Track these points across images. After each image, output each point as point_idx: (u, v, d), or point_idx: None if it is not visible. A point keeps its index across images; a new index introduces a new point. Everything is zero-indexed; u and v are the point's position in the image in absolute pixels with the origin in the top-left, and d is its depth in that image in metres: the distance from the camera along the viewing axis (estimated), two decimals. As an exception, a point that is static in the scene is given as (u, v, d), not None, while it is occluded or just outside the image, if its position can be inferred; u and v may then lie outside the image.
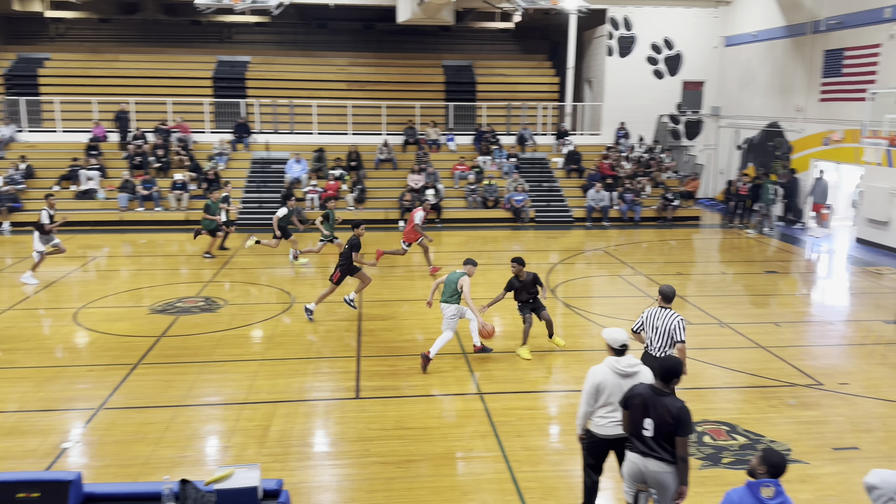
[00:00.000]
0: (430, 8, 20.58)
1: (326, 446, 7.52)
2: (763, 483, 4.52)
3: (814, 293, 14.57)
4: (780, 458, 4.59)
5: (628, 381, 5.64)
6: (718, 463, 7.12)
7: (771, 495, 4.46)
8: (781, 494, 4.48)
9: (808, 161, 20.81)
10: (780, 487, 4.50)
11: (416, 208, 15.76)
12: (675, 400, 5.26)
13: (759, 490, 4.49)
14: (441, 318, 9.80)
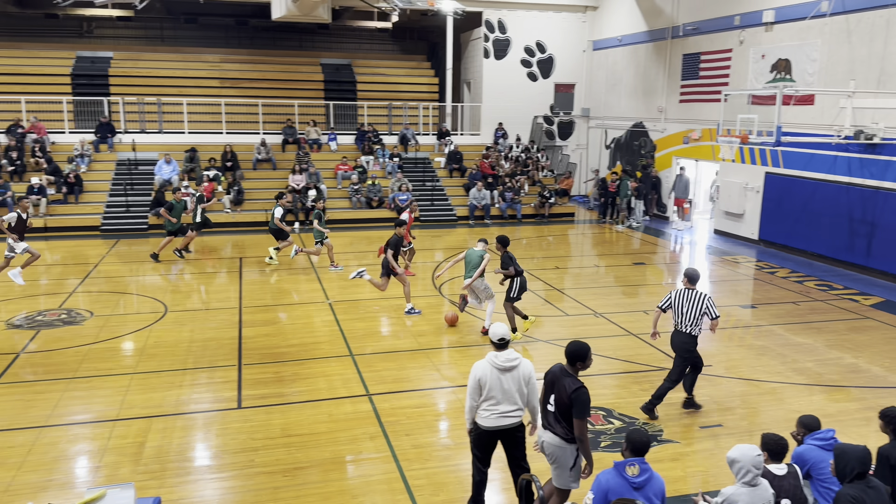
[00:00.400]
0: (305, 5, 20.21)
1: (208, 460, 7.22)
2: (628, 462, 4.80)
3: (678, 282, 15.54)
4: (640, 438, 4.88)
5: (507, 375, 5.79)
6: (597, 447, 7.45)
7: (636, 473, 4.74)
8: (647, 471, 4.77)
9: (671, 159, 22.21)
10: (646, 465, 4.79)
11: (404, 210, 15.52)
12: (574, 382, 5.53)
13: (624, 469, 4.78)
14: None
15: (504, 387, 5.79)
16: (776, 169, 17.87)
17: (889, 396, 8.80)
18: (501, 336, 5.86)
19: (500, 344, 5.85)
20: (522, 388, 5.86)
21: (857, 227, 15.51)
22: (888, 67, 14.60)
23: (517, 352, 5.93)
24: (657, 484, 4.83)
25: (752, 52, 18.42)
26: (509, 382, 5.80)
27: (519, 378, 5.84)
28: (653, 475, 4.81)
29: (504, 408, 5.80)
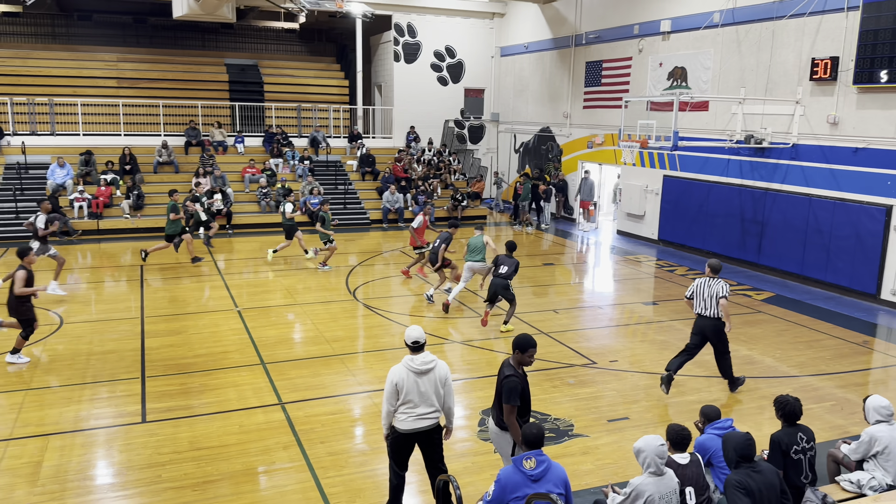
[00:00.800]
0: (208, 4, 19.60)
1: (111, 477, 6.87)
2: (524, 457, 4.96)
3: (585, 281, 16.07)
4: (533, 432, 5.07)
5: (424, 378, 5.81)
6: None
7: (533, 466, 4.90)
8: (544, 462, 4.93)
9: (577, 162, 22.92)
10: (543, 457, 4.95)
11: (418, 213, 15.56)
12: (508, 369, 5.81)
13: (521, 464, 4.92)
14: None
15: (421, 389, 5.80)
16: (674, 172, 18.77)
17: (781, 385, 9.40)
18: (416, 339, 5.86)
19: (414, 347, 5.86)
20: (439, 389, 5.89)
21: (749, 226, 16.49)
22: (775, 76, 15.61)
23: (433, 354, 5.96)
24: (556, 473, 4.97)
25: (650, 61, 19.28)
26: (426, 385, 5.82)
27: (435, 380, 5.86)
28: (551, 465, 4.96)
29: (421, 410, 5.82)
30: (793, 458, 5.65)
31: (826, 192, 14.66)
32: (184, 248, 16.33)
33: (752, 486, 4.95)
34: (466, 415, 8.36)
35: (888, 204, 13.40)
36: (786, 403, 5.83)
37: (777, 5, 15.36)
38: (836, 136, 14.34)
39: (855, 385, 9.60)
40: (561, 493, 4.93)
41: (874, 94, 13.53)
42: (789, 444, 5.67)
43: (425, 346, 5.92)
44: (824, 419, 8.34)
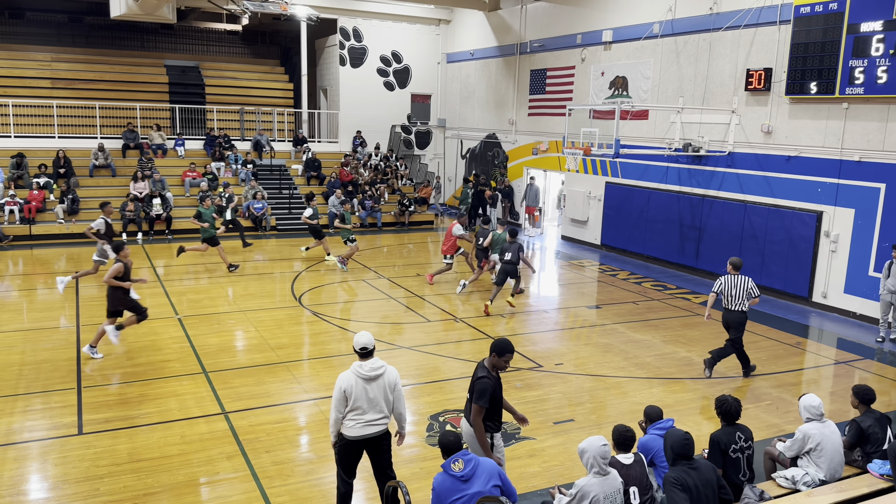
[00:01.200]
0: (148, 4, 19.11)
1: (45, 492, 6.61)
2: (452, 460, 5.06)
3: (531, 286, 16.25)
4: (448, 438, 5.22)
5: (373, 384, 5.76)
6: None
7: (461, 467, 5.03)
8: (471, 461, 5.06)
9: (522, 169, 23.20)
10: (469, 456, 5.09)
11: (453, 222, 15.65)
12: (482, 370, 5.88)
13: (450, 468, 5.01)
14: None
15: (370, 396, 5.75)
16: (615, 179, 19.20)
17: (720, 386, 9.70)
18: (363, 345, 5.81)
19: (363, 353, 5.81)
20: (388, 395, 5.84)
21: (687, 231, 16.99)
22: (711, 86, 16.14)
23: (381, 359, 5.93)
24: (486, 467, 5.09)
25: (592, 70, 19.69)
26: (375, 391, 5.76)
27: (384, 386, 5.81)
28: (478, 461, 5.09)
29: (369, 416, 5.77)
30: (731, 456, 5.84)
31: (760, 199, 15.22)
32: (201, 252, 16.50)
33: (690, 483, 5.10)
34: (415, 420, 8.35)
35: (819, 210, 14.00)
36: (724, 403, 6.02)
37: (714, 17, 15.90)
38: (770, 145, 14.92)
39: (789, 385, 9.98)
40: (497, 484, 5.03)
41: (805, 105, 14.13)
42: (728, 443, 5.85)
43: (374, 351, 5.88)
44: (760, 418, 8.64)
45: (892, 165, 12.67)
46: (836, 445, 6.14)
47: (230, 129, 24.78)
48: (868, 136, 13.03)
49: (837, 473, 6.12)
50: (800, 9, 13.69)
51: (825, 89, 13.36)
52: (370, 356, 5.82)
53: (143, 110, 23.59)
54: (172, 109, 24.32)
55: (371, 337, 5.89)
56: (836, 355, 11.40)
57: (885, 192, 12.81)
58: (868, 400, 6.46)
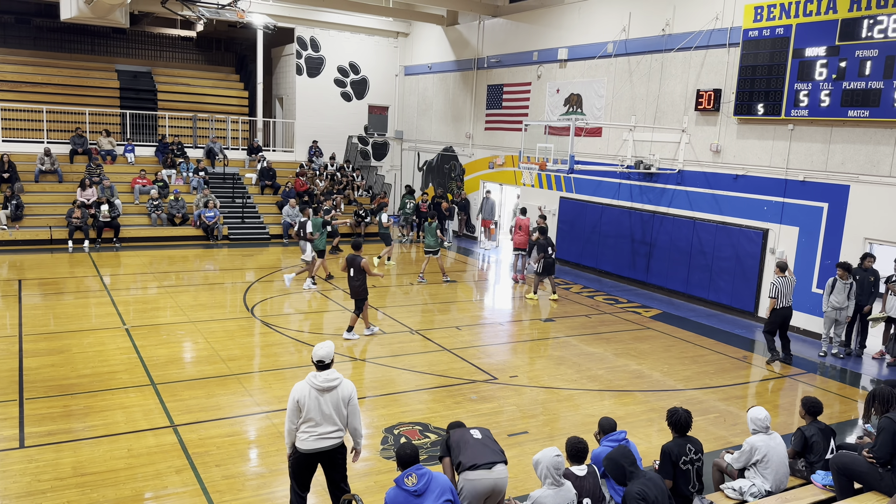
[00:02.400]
0: (99, 7, 18.67)
1: (-19, 510, 6.34)
2: (405, 475, 5.07)
3: (486, 298, 16.34)
4: (406, 451, 5.22)
5: (326, 396, 5.68)
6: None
7: (414, 482, 5.05)
8: (424, 476, 5.08)
9: (479, 182, 23.36)
10: (423, 471, 5.10)
11: (517, 216, 17.19)
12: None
13: (403, 482, 5.02)
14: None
15: (322, 408, 5.67)
16: (569, 194, 19.49)
17: (668, 398, 9.89)
18: (321, 357, 5.75)
19: (319, 365, 5.75)
20: (342, 409, 5.76)
21: (638, 247, 17.34)
22: (663, 105, 16.56)
23: (337, 370, 5.88)
24: (439, 483, 5.10)
25: (548, 87, 20.00)
26: (328, 403, 5.69)
27: (338, 399, 5.74)
28: (432, 477, 5.10)
29: (322, 429, 5.69)
30: (681, 468, 5.95)
31: (709, 216, 15.64)
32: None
33: (650, 496, 5.19)
34: (369, 433, 8.28)
35: (765, 228, 14.45)
36: (675, 414, 6.14)
37: (666, 39, 16.34)
38: (719, 164, 15.36)
39: (736, 398, 10.24)
40: (450, 499, 5.06)
41: (752, 125, 14.61)
42: (679, 455, 5.96)
43: (332, 364, 5.81)
44: (708, 430, 8.83)
45: (834, 185, 13.17)
46: (782, 457, 6.32)
47: (183, 137, 24.35)
48: (812, 156, 13.54)
49: (783, 484, 6.30)
50: (748, 32, 14.18)
51: (772, 111, 13.84)
52: (327, 368, 5.75)
53: (92, 115, 23.01)
54: (123, 115, 23.79)
55: (331, 350, 5.82)
56: (782, 369, 11.75)
57: (827, 211, 13.31)
58: (815, 412, 6.67)
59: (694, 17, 15.62)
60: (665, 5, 16.30)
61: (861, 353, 12.57)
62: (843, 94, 12.60)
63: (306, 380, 5.73)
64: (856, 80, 12.40)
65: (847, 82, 12.53)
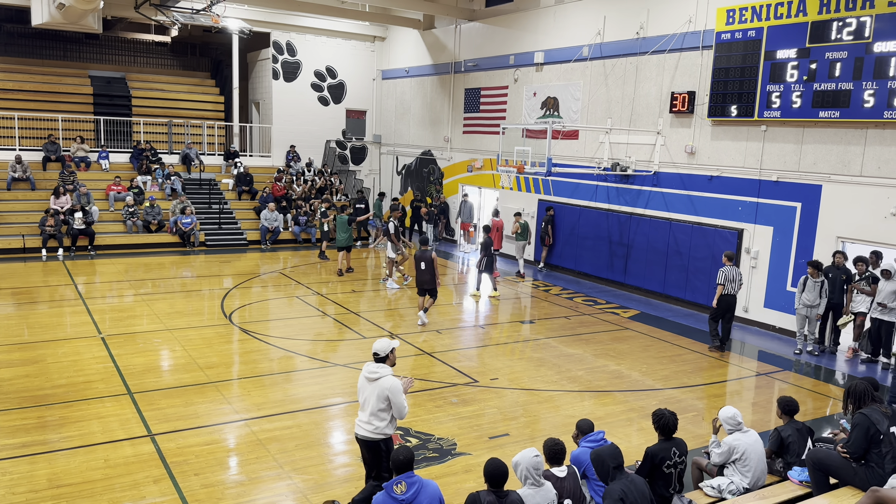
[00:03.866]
0: (72, 13, 18.46)
1: (-48, 525, 6.21)
2: (395, 482, 5.01)
3: (466, 301, 16.35)
4: (399, 457, 5.14)
5: (369, 385, 6.16)
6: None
7: (403, 490, 4.98)
8: (414, 484, 5.02)
9: (458, 185, 23.39)
10: (413, 479, 5.03)
11: (492, 217, 17.93)
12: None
13: (392, 490, 4.96)
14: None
15: (366, 396, 6.19)
16: (548, 196, 19.59)
17: (647, 398, 9.97)
18: (375, 350, 6.26)
19: (374, 356, 6.27)
20: (380, 401, 6.11)
21: (616, 248, 17.47)
22: (638, 108, 16.71)
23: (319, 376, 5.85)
24: (429, 492, 5.06)
25: (525, 90, 20.10)
26: (369, 393, 6.16)
27: (377, 392, 6.11)
28: (422, 485, 5.05)
29: (362, 416, 6.23)
30: (664, 471, 5.95)
31: (684, 217, 15.80)
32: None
33: (629, 497, 5.20)
34: (349, 439, 8.24)
35: (739, 228, 14.64)
36: (662, 417, 6.11)
37: (640, 42, 16.50)
38: (693, 165, 15.53)
39: (714, 396, 10.34)
40: None
41: (726, 127, 14.79)
42: (663, 459, 5.96)
43: (387, 358, 6.25)
44: (687, 429, 8.90)
45: (807, 185, 13.38)
46: (760, 454, 6.39)
47: (158, 142, 24.12)
48: (785, 157, 13.74)
49: (761, 481, 6.37)
50: (721, 35, 14.37)
51: (745, 112, 14.03)
52: (378, 361, 6.24)
53: (65, 122, 22.72)
54: (97, 121, 23.52)
55: (386, 345, 6.30)
56: (758, 367, 11.90)
57: (800, 211, 13.52)
58: (791, 411, 6.74)
59: (667, 21, 15.80)
60: (639, 9, 16.47)
61: (835, 351, 12.77)
62: (814, 95, 12.82)
63: (363, 369, 6.30)
64: (826, 82, 12.62)
65: (818, 84, 12.74)
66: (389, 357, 6.28)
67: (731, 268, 12.40)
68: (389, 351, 6.27)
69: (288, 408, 9.06)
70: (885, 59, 11.73)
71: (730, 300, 12.42)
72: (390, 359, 6.29)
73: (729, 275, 12.33)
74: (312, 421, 8.70)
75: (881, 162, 12.23)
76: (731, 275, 12.34)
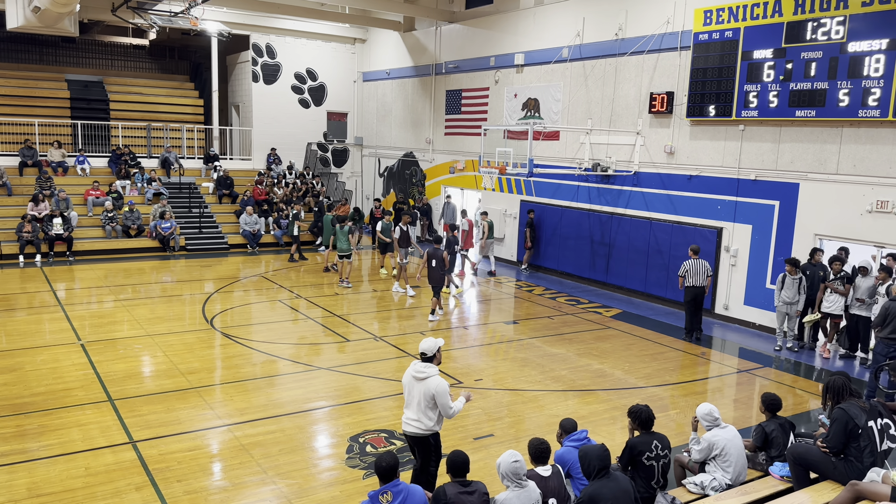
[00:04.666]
0: (47, 16, 18.23)
1: (-70, 537, 6.11)
2: (380, 492, 4.96)
3: (450, 301, 16.35)
4: (383, 464, 5.10)
5: (417, 384, 6.30)
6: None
7: (389, 499, 4.92)
8: (400, 494, 4.96)
9: (440, 187, 23.40)
10: (398, 487, 4.98)
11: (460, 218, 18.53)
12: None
13: (378, 499, 4.91)
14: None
15: (413, 395, 6.33)
16: (530, 197, 19.66)
17: (630, 396, 10.03)
18: (422, 350, 6.40)
19: (421, 356, 6.42)
20: (426, 401, 6.26)
21: (597, 248, 17.57)
22: (618, 108, 16.82)
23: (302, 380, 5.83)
24: (414, 498, 5.05)
25: (506, 91, 20.16)
26: (416, 392, 6.30)
27: (424, 391, 6.26)
28: (408, 492, 5.01)
29: (409, 414, 6.37)
30: (644, 463, 6.01)
31: (665, 216, 15.93)
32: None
33: (606, 495, 5.21)
34: (334, 443, 8.23)
35: (719, 226, 14.78)
36: (639, 412, 6.20)
37: (619, 43, 16.62)
38: (673, 165, 15.67)
39: (696, 394, 10.43)
40: None
41: (705, 127, 14.94)
42: (642, 451, 6.03)
43: (434, 357, 6.39)
44: (669, 427, 8.98)
45: (784, 184, 13.54)
46: (740, 449, 6.46)
47: (136, 146, 23.90)
48: (763, 156, 13.90)
49: (742, 477, 6.44)
50: (698, 36, 14.51)
51: (723, 112, 14.18)
52: (426, 361, 6.37)
53: (42, 126, 22.45)
54: (74, 125, 23.25)
55: (433, 344, 6.43)
56: (738, 364, 12.02)
57: (779, 209, 13.68)
58: (774, 408, 6.82)
59: (646, 22, 15.93)
60: (618, 10, 16.58)
61: (814, 347, 12.93)
62: (790, 94, 12.98)
63: (410, 367, 6.45)
64: (802, 81, 12.79)
65: (794, 83, 12.91)
66: (436, 356, 6.42)
67: (694, 261, 12.96)
68: (436, 350, 6.42)
69: (271, 412, 9.02)
70: (859, 58, 11.91)
71: (695, 291, 12.97)
72: (437, 357, 6.43)
73: (692, 268, 12.92)
74: (296, 425, 8.66)
75: (856, 160, 12.41)
76: (694, 268, 12.91)
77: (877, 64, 11.70)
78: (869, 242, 12.45)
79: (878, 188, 12.11)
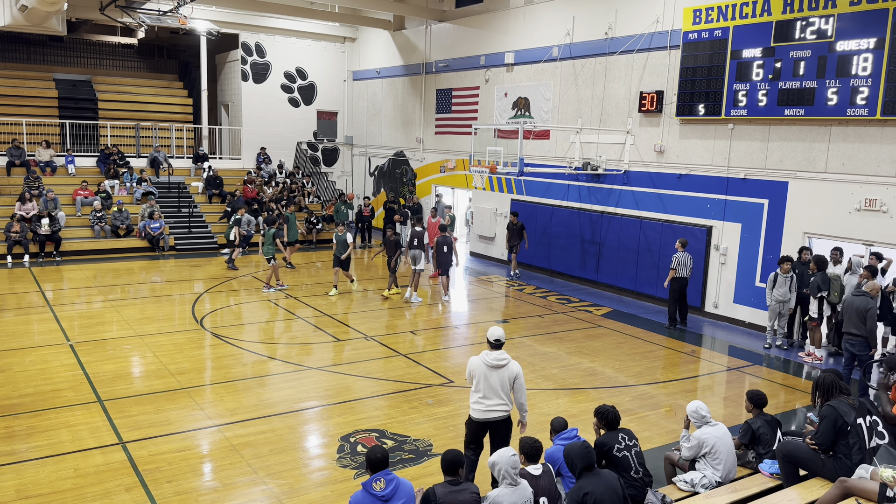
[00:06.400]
0: (35, 15, 18.10)
1: (-84, 540, 6.06)
2: (374, 479, 5.08)
3: (440, 302, 16.35)
4: (375, 455, 5.20)
5: (494, 373, 6.46)
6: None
7: (382, 487, 5.05)
8: (392, 481, 5.10)
9: (431, 186, 23.39)
10: (391, 476, 5.13)
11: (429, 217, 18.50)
12: None
13: (371, 486, 5.02)
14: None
15: (491, 383, 6.48)
16: (520, 196, 19.67)
17: (620, 394, 10.07)
18: (497, 337, 6.57)
19: (495, 344, 6.56)
20: (507, 386, 6.52)
21: (588, 246, 17.60)
22: (608, 107, 16.86)
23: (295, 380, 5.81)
24: (405, 490, 5.13)
25: (496, 91, 20.17)
26: (496, 380, 6.47)
27: (505, 377, 6.50)
28: (399, 483, 5.13)
29: (490, 402, 6.51)
30: (617, 456, 6.02)
31: (654, 215, 15.98)
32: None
33: (593, 491, 5.22)
34: (325, 443, 8.21)
35: (708, 225, 14.84)
36: (606, 413, 6.26)
37: (609, 42, 16.65)
38: (663, 164, 15.72)
39: (686, 391, 10.47)
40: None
41: (694, 126, 14.99)
42: (611, 445, 6.06)
43: (503, 345, 6.57)
44: (659, 424, 9.02)
45: (774, 182, 13.62)
46: (730, 447, 6.49)
47: (125, 146, 23.76)
48: (752, 154, 13.97)
49: (732, 474, 6.47)
50: (688, 35, 14.56)
51: (712, 111, 14.24)
52: (499, 348, 6.55)
53: (29, 125, 22.27)
54: (62, 125, 23.09)
55: (503, 332, 6.66)
56: (728, 362, 12.08)
57: (768, 208, 13.75)
58: (760, 404, 6.86)
59: (635, 21, 15.97)
60: (607, 9, 16.62)
61: (804, 345, 12.99)
62: (779, 93, 13.05)
63: (480, 356, 6.57)
64: (791, 80, 12.86)
65: (783, 82, 12.98)
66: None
67: (682, 253, 13.65)
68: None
69: (262, 412, 8.99)
70: (848, 57, 11.98)
71: (682, 282, 13.74)
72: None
73: (681, 260, 13.61)
74: (287, 425, 8.63)
75: (845, 158, 12.49)
76: (682, 259, 13.60)
77: (865, 63, 11.77)
78: (857, 240, 12.53)
79: (866, 186, 12.19)
